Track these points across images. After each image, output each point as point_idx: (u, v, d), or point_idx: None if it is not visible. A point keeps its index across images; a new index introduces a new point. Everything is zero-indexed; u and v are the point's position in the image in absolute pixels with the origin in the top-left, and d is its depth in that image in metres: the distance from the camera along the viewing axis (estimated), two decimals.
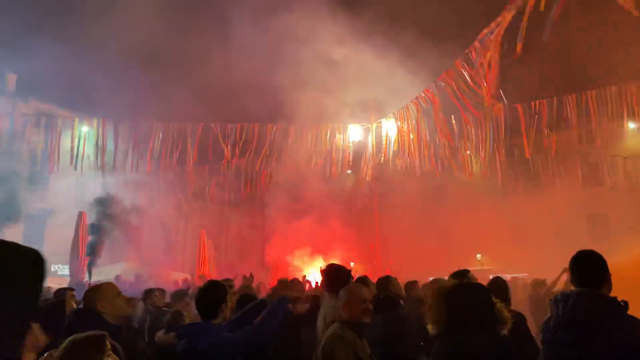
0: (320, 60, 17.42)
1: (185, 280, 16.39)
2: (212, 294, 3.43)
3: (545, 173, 18.74)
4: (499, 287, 4.13)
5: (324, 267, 4.71)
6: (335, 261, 18.71)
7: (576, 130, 16.73)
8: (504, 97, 12.13)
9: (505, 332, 2.77)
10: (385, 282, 5.53)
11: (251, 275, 7.07)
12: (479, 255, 25.04)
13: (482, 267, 22.36)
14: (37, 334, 3.75)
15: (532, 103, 15.86)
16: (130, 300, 4.55)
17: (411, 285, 7.07)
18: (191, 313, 5.25)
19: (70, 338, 2.60)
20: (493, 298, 2.87)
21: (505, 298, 3.96)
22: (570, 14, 9.26)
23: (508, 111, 15.89)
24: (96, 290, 3.43)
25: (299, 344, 4.96)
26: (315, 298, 6.18)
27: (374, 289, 5.53)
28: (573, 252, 3.07)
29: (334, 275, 4.72)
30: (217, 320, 3.30)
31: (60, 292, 5.12)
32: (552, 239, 15.48)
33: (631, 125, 18.21)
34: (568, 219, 18.64)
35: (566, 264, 3.27)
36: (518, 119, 15.97)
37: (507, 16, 11.15)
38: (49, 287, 12.40)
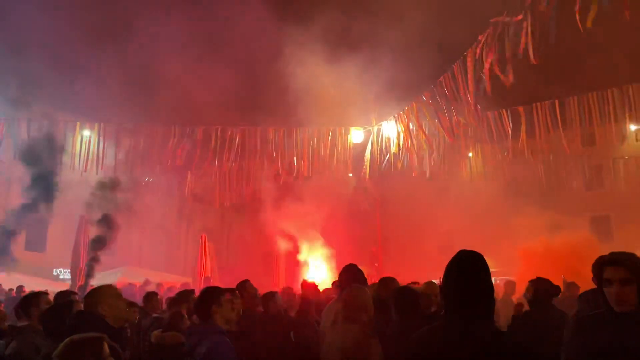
0: (320, 63, 17.42)
1: (186, 284, 16.37)
2: (202, 296, 3.70)
3: (547, 175, 18.72)
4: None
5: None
6: (324, 263, 18.61)
7: (578, 133, 16.69)
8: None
9: None
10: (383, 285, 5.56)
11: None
12: None
13: None
14: None
15: (534, 105, 15.85)
16: (131, 304, 4.56)
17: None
18: None
19: (68, 339, 2.59)
20: None
21: None
22: (571, 16, 9.24)
23: (510, 114, 15.88)
24: (97, 293, 3.42)
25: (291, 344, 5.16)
26: (304, 303, 6.26)
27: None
28: (578, 254, 3.27)
29: (348, 276, 4.78)
30: (216, 321, 3.43)
31: (62, 295, 5.09)
32: (556, 241, 15.44)
33: (632, 127, 18.20)
34: (571, 221, 18.61)
35: (572, 266, 3.45)
36: (519, 122, 15.98)
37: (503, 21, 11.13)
38: (47, 290, 12.43)
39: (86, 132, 17.56)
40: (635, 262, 2.44)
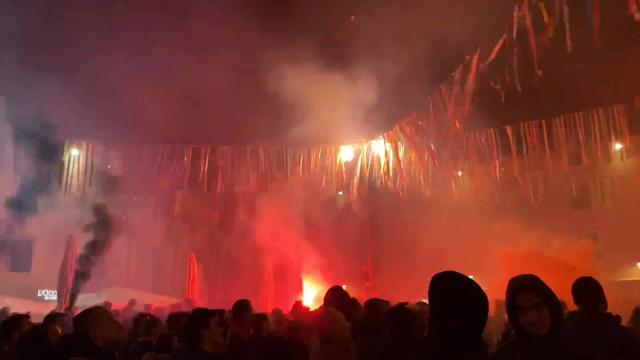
0: (310, 82, 17.55)
1: (177, 305, 16.15)
2: (191, 320, 3.71)
3: (535, 194, 18.87)
4: None
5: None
6: (315, 282, 18.49)
7: (565, 152, 16.93)
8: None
9: None
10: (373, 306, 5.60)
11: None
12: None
13: None
14: None
15: (521, 124, 16.09)
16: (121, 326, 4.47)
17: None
18: None
19: None
20: None
21: None
22: (557, 39, 9.44)
23: (498, 133, 16.09)
24: (87, 315, 3.33)
25: None
26: (294, 327, 6.23)
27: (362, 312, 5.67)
28: (566, 272, 3.36)
29: (333, 298, 4.90)
30: (204, 345, 3.41)
31: (51, 318, 4.99)
32: (544, 259, 15.50)
33: (617, 146, 18.48)
34: (560, 239, 18.76)
35: (560, 283, 3.51)
36: (508, 141, 16.20)
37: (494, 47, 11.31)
38: (28, 313, 12.18)
39: (74, 151, 17.45)
40: (543, 285, 2.51)
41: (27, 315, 4.67)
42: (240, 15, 17.56)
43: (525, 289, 2.49)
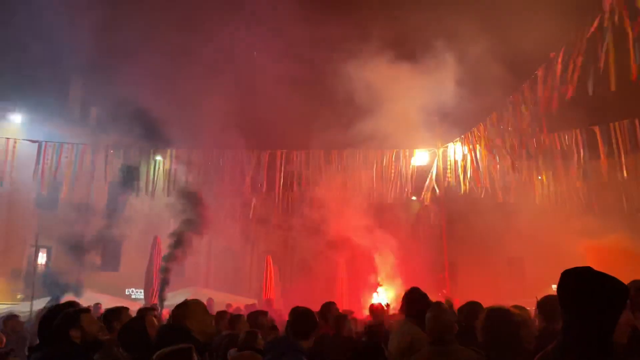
0: (384, 83, 17.42)
1: (252, 305, 16.59)
2: (307, 317, 3.97)
3: (627, 198, 17.57)
4: None
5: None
6: (389, 287, 18.21)
7: None
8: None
9: None
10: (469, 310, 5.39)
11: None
12: (554, 286, 23.36)
13: None
14: None
15: (611, 124, 15.04)
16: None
17: None
18: None
19: (158, 352, 2.67)
20: None
21: None
22: None
23: (585, 134, 15.16)
24: (185, 307, 3.49)
25: None
26: (373, 329, 6.19)
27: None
28: None
29: (414, 300, 4.84)
30: (307, 343, 3.55)
31: (144, 311, 5.30)
32: (637, 268, 14.37)
33: None
34: None
35: None
36: (596, 142, 15.19)
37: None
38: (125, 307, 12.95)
39: (159, 157, 18.41)
40: None
41: (126, 308, 4.97)
42: (314, 14, 17.80)
43: None
